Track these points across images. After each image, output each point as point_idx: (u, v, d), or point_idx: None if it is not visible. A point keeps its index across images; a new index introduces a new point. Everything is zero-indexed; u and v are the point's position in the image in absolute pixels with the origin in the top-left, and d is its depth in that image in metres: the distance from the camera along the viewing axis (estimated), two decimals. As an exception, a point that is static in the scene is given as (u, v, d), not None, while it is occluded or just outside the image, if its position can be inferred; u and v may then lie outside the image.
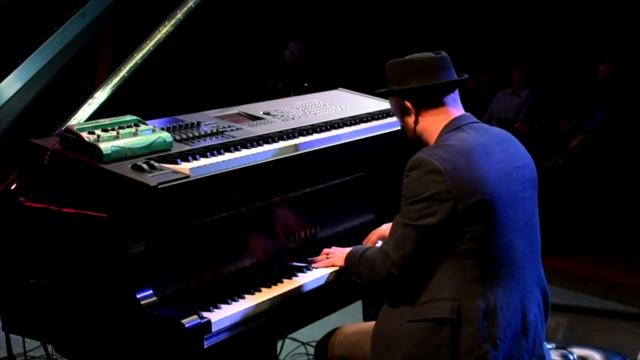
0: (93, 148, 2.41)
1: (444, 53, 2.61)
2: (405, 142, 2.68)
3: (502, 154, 2.49)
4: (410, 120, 2.59)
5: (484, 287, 2.39)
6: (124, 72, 3.01)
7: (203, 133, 2.80)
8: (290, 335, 3.88)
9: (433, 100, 2.56)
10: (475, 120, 2.59)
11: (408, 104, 2.57)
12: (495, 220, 2.39)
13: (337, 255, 2.80)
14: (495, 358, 2.37)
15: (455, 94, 2.60)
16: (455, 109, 2.58)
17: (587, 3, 7.54)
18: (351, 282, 2.75)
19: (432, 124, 2.56)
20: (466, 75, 2.65)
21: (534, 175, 2.58)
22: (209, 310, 2.46)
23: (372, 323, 2.64)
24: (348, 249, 2.74)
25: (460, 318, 2.38)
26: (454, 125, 2.52)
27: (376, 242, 2.90)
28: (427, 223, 2.37)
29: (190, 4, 3.26)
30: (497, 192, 2.40)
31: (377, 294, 2.66)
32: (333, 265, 2.81)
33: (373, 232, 2.96)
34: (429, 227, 2.37)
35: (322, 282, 2.79)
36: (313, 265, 2.83)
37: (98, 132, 2.47)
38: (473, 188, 2.36)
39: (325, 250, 2.88)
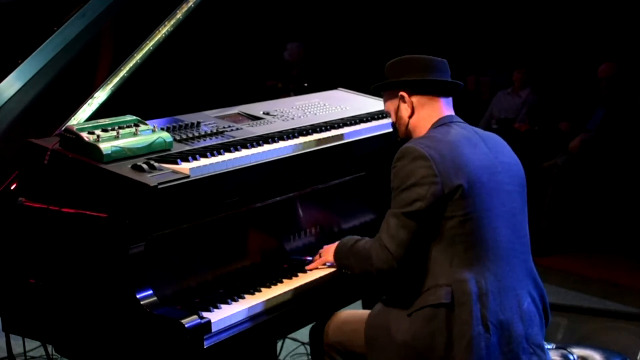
0: (93, 148, 2.41)
1: (444, 59, 2.70)
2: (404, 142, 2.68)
3: (486, 148, 2.57)
4: (406, 113, 2.67)
5: (474, 271, 2.44)
6: (124, 72, 3.01)
7: (203, 133, 2.80)
8: (290, 335, 3.88)
9: (430, 95, 2.64)
10: (463, 121, 2.67)
11: (405, 94, 2.65)
12: (480, 205, 2.46)
13: (328, 251, 2.81)
14: (488, 341, 2.40)
15: (450, 99, 2.70)
16: (447, 110, 2.67)
17: (587, 3, 7.54)
18: (345, 274, 2.74)
19: (424, 119, 2.64)
20: (462, 84, 2.72)
21: (522, 175, 2.65)
22: (209, 310, 2.46)
23: (367, 311, 2.66)
24: (334, 244, 2.76)
25: (453, 302, 2.42)
26: (441, 122, 2.62)
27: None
28: (417, 208, 2.43)
29: (190, 4, 3.26)
30: (481, 178, 2.48)
31: (375, 290, 2.67)
32: (326, 262, 2.82)
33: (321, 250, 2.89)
34: (420, 211, 2.43)
35: (322, 282, 2.79)
36: (307, 268, 2.83)
37: (98, 132, 2.47)
38: (457, 172, 2.44)
39: (320, 250, 2.89)
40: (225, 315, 2.46)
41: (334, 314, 2.80)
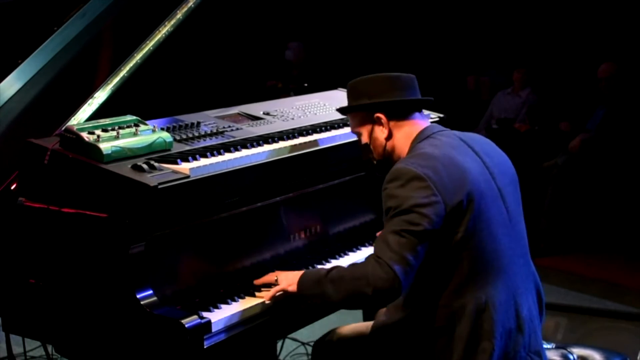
0: (93, 148, 2.41)
1: (412, 75, 2.66)
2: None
3: (474, 154, 2.52)
4: (382, 135, 2.60)
5: (475, 286, 2.40)
6: (124, 72, 3.01)
7: (203, 133, 2.80)
8: (290, 335, 3.88)
9: (406, 115, 2.60)
10: (443, 128, 2.62)
11: (382, 117, 2.59)
12: (481, 216, 2.40)
13: (288, 278, 2.57)
14: (491, 356, 2.38)
15: (422, 112, 2.66)
16: (423, 122, 2.62)
17: (587, 3, 7.54)
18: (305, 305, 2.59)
19: (403, 138, 2.59)
20: (432, 98, 2.69)
21: (513, 172, 2.61)
22: (209, 310, 2.46)
23: (369, 323, 2.64)
24: (295, 272, 2.57)
25: (454, 322, 2.39)
26: (423, 136, 2.55)
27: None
28: (422, 228, 2.33)
29: (190, 4, 3.26)
30: (480, 188, 2.42)
31: (352, 309, 2.64)
32: (283, 291, 2.56)
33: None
34: (423, 232, 2.32)
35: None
36: (257, 294, 2.60)
37: (98, 132, 2.47)
38: (456, 188, 2.37)
39: (270, 274, 2.66)
40: (225, 315, 2.46)
41: (335, 329, 2.79)
